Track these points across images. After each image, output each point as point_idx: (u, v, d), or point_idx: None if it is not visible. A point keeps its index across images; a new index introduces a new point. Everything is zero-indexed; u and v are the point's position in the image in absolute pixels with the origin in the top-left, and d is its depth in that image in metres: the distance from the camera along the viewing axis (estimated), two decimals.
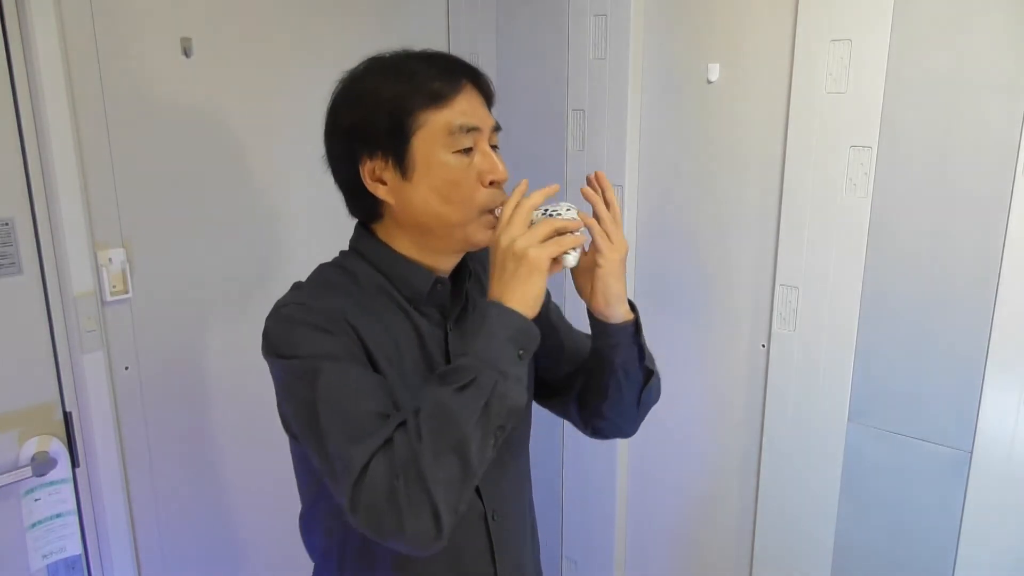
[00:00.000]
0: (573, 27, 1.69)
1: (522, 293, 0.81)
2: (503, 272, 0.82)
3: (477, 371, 0.77)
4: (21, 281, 1.35)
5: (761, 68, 1.45)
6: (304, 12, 1.65)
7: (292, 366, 0.84)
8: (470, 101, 0.88)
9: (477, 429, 0.76)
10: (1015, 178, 1.19)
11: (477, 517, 0.96)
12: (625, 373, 0.98)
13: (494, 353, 0.78)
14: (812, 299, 1.44)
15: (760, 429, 1.56)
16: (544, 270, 0.82)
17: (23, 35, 1.28)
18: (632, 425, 1.06)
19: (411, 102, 0.86)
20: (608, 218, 0.90)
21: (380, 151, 0.88)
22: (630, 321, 0.96)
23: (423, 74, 0.87)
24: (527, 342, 0.81)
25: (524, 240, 0.81)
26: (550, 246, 0.82)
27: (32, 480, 1.36)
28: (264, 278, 1.66)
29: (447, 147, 0.87)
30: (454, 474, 0.75)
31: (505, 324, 0.80)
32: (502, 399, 0.77)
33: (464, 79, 0.89)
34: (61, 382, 1.41)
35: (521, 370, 0.80)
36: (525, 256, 0.80)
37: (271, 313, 0.89)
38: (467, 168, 0.88)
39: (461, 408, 0.76)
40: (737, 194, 1.53)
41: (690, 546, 1.76)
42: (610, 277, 0.91)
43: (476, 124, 0.88)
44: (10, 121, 1.30)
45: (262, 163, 1.62)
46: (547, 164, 1.80)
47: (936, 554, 1.36)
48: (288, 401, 0.87)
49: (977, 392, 1.28)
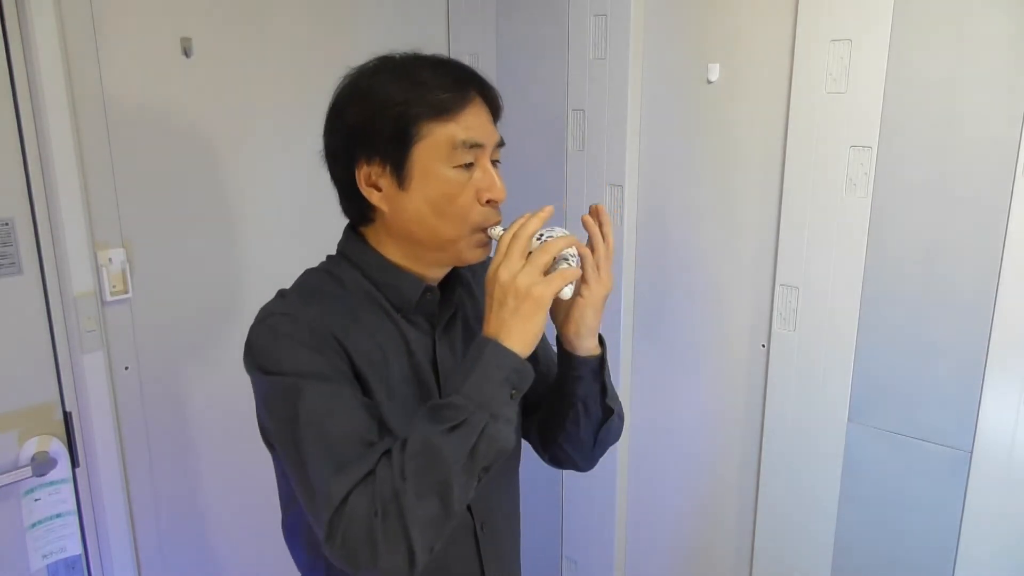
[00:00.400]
0: (573, 27, 1.69)
1: (522, 332, 0.79)
2: (502, 308, 0.79)
3: (468, 412, 0.75)
4: (21, 281, 1.35)
5: (761, 68, 1.45)
6: (304, 12, 1.65)
7: (274, 383, 0.82)
8: (477, 116, 0.86)
9: (463, 472, 0.75)
10: (1015, 178, 1.19)
11: (466, 529, 0.95)
12: (584, 407, 0.96)
13: (487, 394, 0.76)
14: (812, 299, 1.44)
15: (760, 429, 1.56)
16: (547, 307, 0.80)
17: (23, 35, 1.28)
18: (587, 462, 1.03)
19: (417, 111, 0.83)
20: (602, 251, 0.89)
21: (379, 156, 0.85)
22: (596, 356, 0.94)
23: (433, 83, 0.84)
24: (521, 382, 0.79)
25: (526, 276, 0.79)
26: (555, 280, 0.80)
27: (32, 480, 1.36)
28: (264, 277, 1.66)
29: (448, 161, 0.84)
30: (434, 514, 0.74)
31: (501, 364, 0.77)
32: (491, 441, 0.76)
33: (474, 92, 0.87)
34: (61, 382, 1.41)
35: (512, 410, 0.79)
36: (529, 294, 0.78)
37: (255, 324, 0.86)
38: (465, 184, 0.86)
39: (449, 450, 0.74)
40: (737, 194, 1.53)
41: (690, 546, 1.76)
42: (589, 309, 0.90)
43: (480, 140, 0.86)
44: (10, 121, 1.30)
45: (262, 163, 1.62)
46: (547, 164, 1.80)
47: (936, 554, 1.36)
48: (269, 418, 0.84)
49: (977, 392, 1.28)
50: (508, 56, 1.87)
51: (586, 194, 1.73)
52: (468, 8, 1.91)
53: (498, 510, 0.99)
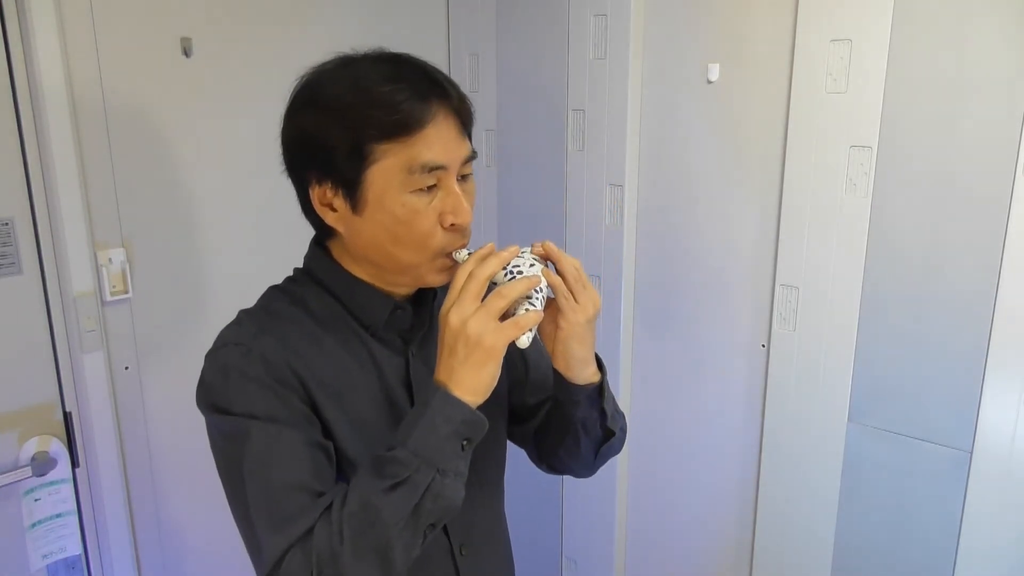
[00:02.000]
0: (573, 27, 1.69)
1: (473, 381, 0.73)
2: (452, 356, 0.73)
3: (412, 468, 0.70)
4: (21, 281, 1.35)
5: (761, 68, 1.45)
6: (304, 12, 1.65)
7: (223, 423, 0.78)
8: (440, 132, 0.77)
9: (405, 531, 0.70)
10: (1015, 178, 1.19)
11: (444, 552, 0.90)
12: (584, 430, 0.90)
13: (434, 448, 0.71)
14: (812, 299, 1.44)
15: (760, 429, 1.56)
16: (500, 357, 0.73)
17: (23, 35, 1.28)
18: (587, 472, 0.98)
19: (369, 131, 0.75)
20: (573, 276, 0.81)
21: (330, 177, 0.79)
22: (594, 384, 0.88)
23: (388, 98, 0.75)
24: (474, 433, 0.74)
25: (477, 323, 0.72)
26: (508, 329, 0.73)
27: (32, 480, 1.36)
28: (264, 278, 1.66)
29: (405, 186, 0.76)
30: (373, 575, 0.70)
31: (449, 417, 0.72)
32: (436, 499, 0.71)
33: (436, 104, 0.77)
34: (61, 382, 1.41)
35: (463, 464, 0.74)
36: (480, 343, 0.72)
37: (208, 354, 0.81)
38: (424, 209, 0.78)
39: (389, 509, 0.70)
40: (737, 194, 1.53)
41: (690, 546, 1.76)
42: (572, 340, 0.83)
43: (442, 162, 0.77)
44: (10, 121, 1.30)
45: (262, 163, 1.62)
46: (547, 164, 1.80)
47: (936, 554, 1.36)
48: (216, 459, 0.81)
49: (977, 392, 1.28)
50: (508, 56, 1.87)
51: (586, 194, 1.73)
52: (468, 8, 1.91)
53: (477, 531, 0.94)
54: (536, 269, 0.79)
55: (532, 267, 0.79)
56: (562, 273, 0.81)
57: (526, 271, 0.78)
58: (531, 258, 0.80)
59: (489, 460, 0.96)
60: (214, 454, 0.81)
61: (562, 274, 0.81)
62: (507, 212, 1.91)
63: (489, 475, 0.97)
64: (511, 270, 0.78)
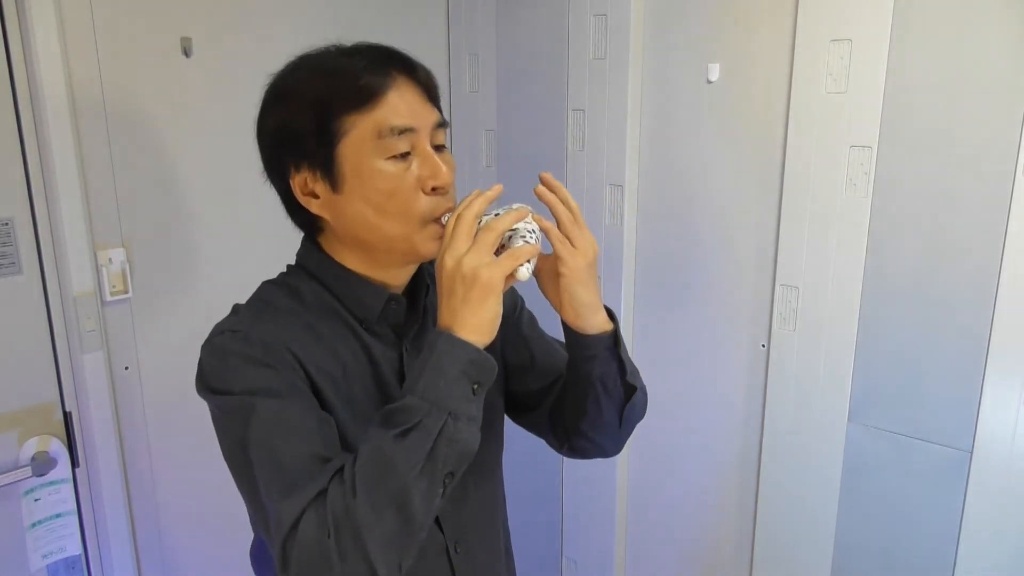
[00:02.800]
0: (573, 27, 1.69)
1: (476, 320, 0.72)
2: (451, 297, 0.72)
3: (423, 413, 0.69)
4: (21, 281, 1.35)
5: (761, 68, 1.45)
6: (304, 12, 1.65)
7: (225, 403, 0.77)
8: (403, 97, 0.78)
9: (422, 479, 0.68)
10: (1015, 178, 1.19)
11: (438, 549, 0.88)
12: (604, 388, 0.88)
13: (443, 391, 0.70)
14: (812, 299, 1.44)
15: (760, 429, 1.56)
16: (499, 291, 0.72)
17: (23, 35, 1.28)
18: (615, 444, 0.95)
19: (334, 104, 0.77)
20: (567, 219, 0.80)
21: (306, 161, 0.80)
22: (607, 332, 0.86)
23: (347, 70, 0.77)
24: (482, 375, 0.72)
25: (472, 258, 0.72)
26: (504, 261, 0.73)
27: (32, 480, 1.36)
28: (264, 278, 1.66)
29: (379, 153, 0.77)
30: (394, 529, 0.68)
31: (456, 358, 0.70)
32: (451, 443, 0.69)
33: (395, 71, 0.78)
34: (61, 382, 1.41)
35: (475, 408, 0.72)
36: (477, 278, 0.71)
37: (206, 342, 0.81)
38: (403, 174, 0.78)
39: (402, 456, 0.68)
40: (737, 194, 1.53)
41: (690, 546, 1.76)
42: (576, 285, 0.81)
43: (410, 124, 0.77)
44: (10, 121, 1.30)
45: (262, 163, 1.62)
46: (547, 164, 1.80)
47: (936, 554, 1.36)
48: (221, 441, 0.80)
49: (977, 392, 1.28)
50: (508, 56, 1.87)
51: (586, 194, 1.73)
52: (468, 8, 1.91)
53: (472, 528, 0.93)
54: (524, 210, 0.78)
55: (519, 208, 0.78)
56: (556, 217, 0.81)
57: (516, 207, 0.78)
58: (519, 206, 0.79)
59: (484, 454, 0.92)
60: (218, 435, 0.80)
61: (556, 218, 0.81)
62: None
63: (484, 473, 0.95)
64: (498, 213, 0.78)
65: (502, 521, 1.02)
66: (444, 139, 0.83)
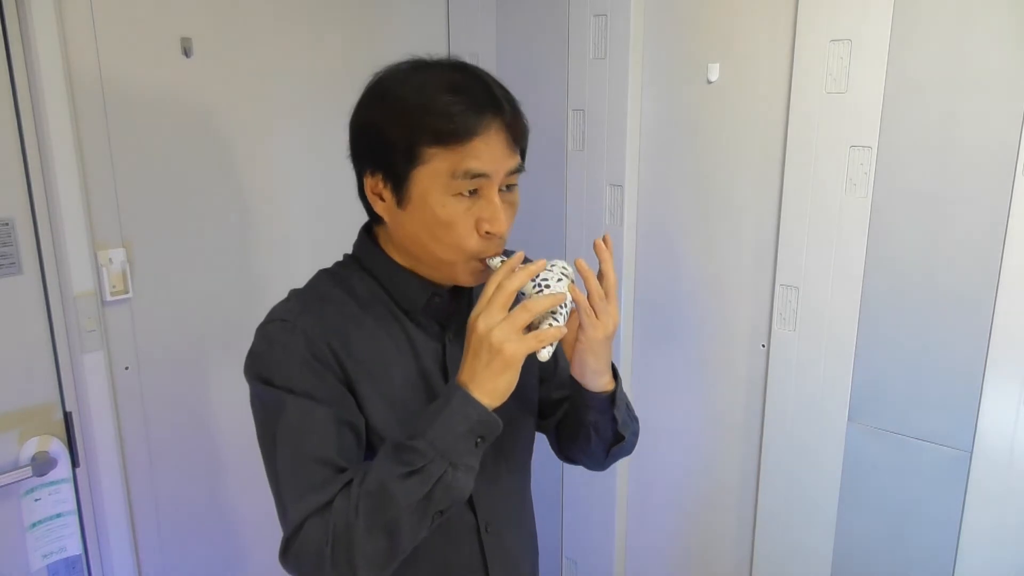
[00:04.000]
0: (573, 27, 1.69)
1: (492, 386, 0.78)
2: (476, 360, 0.78)
3: (428, 459, 0.76)
4: (21, 281, 1.35)
5: (761, 68, 1.45)
6: (304, 12, 1.65)
7: (264, 393, 0.84)
8: (489, 144, 0.81)
9: (415, 514, 0.77)
10: (1015, 178, 1.19)
11: (469, 530, 0.95)
12: (596, 431, 0.96)
13: (450, 443, 0.77)
14: (812, 299, 1.44)
15: (760, 429, 1.56)
16: (518, 366, 0.78)
17: (23, 35, 1.28)
18: (598, 468, 1.04)
19: (422, 135, 0.80)
20: (598, 294, 0.86)
21: (382, 171, 0.85)
22: (606, 393, 0.94)
23: (446, 107, 0.80)
24: (488, 432, 0.79)
25: (501, 332, 0.77)
26: (530, 341, 0.78)
27: (32, 480, 1.36)
28: (264, 278, 1.66)
29: (448, 189, 0.81)
30: (381, 550, 0.77)
31: (467, 416, 0.77)
32: (447, 489, 0.77)
33: (490, 118, 0.81)
34: (61, 382, 1.41)
35: (475, 459, 0.79)
36: (501, 351, 0.77)
37: (259, 327, 0.87)
38: (464, 213, 0.83)
39: (403, 494, 0.76)
40: (737, 194, 1.53)
41: (690, 546, 1.76)
42: (588, 354, 0.89)
43: (485, 171, 0.82)
44: (10, 121, 1.30)
45: (262, 163, 1.62)
46: (547, 164, 1.80)
47: (936, 554, 1.36)
48: (256, 424, 0.87)
49: (977, 392, 1.28)
50: (508, 56, 1.87)
51: (586, 194, 1.73)
52: (468, 8, 1.91)
53: (504, 512, 0.99)
54: (563, 285, 0.83)
55: (559, 282, 0.83)
56: (588, 291, 0.87)
57: (553, 286, 0.82)
58: (560, 272, 0.84)
59: (518, 447, 1.02)
60: (254, 419, 0.87)
61: (588, 291, 0.87)
62: None
63: (517, 462, 1.02)
64: (539, 283, 0.82)
65: (530, 508, 1.09)
66: (517, 180, 0.88)
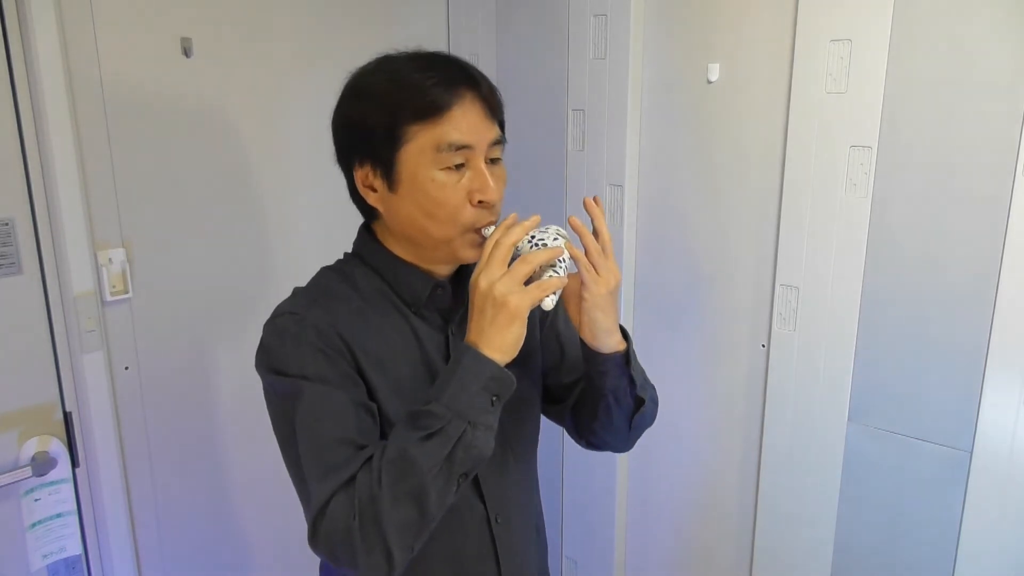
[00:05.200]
0: (573, 27, 1.69)
1: (500, 340, 0.79)
2: (481, 316, 0.79)
3: (446, 420, 0.77)
4: (21, 281, 1.35)
5: (761, 68, 1.45)
6: (304, 12, 1.65)
7: (279, 383, 0.85)
8: (466, 115, 0.84)
9: (439, 478, 0.77)
10: (1015, 178, 1.19)
11: (480, 520, 0.95)
12: (615, 399, 0.96)
13: (465, 403, 0.77)
14: (812, 299, 1.44)
15: (760, 429, 1.56)
16: (524, 318, 0.79)
17: (23, 35, 1.28)
18: (623, 444, 1.03)
19: (401, 114, 0.83)
20: (595, 249, 0.87)
21: (370, 158, 0.87)
22: (620, 352, 0.93)
23: (419, 84, 0.83)
24: (502, 389, 0.80)
25: (504, 285, 0.78)
26: (532, 291, 0.80)
27: (32, 480, 1.36)
28: (264, 278, 1.66)
29: (435, 164, 0.84)
30: (411, 518, 0.77)
31: (479, 373, 0.78)
32: (468, 449, 0.78)
33: (464, 89, 0.84)
34: (61, 382, 1.41)
35: (493, 418, 0.80)
36: (505, 304, 0.78)
37: (267, 323, 0.88)
38: (455, 186, 0.85)
39: (424, 457, 0.76)
40: (737, 194, 1.53)
41: (690, 545, 1.76)
42: (595, 310, 0.88)
43: (468, 142, 0.84)
44: (10, 121, 1.30)
45: (262, 163, 1.62)
46: (547, 164, 1.80)
47: (936, 554, 1.36)
48: (272, 416, 0.88)
49: (977, 392, 1.28)
50: (508, 56, 1.87)
51: (586, 194, 1.72)
52: (468, 8, 1.91)
53: (512, 503, 1.00)
54: (559, 242, 0.84)
55: (556, 240, 0.84)
56: (585, 247, 0.87)
57: (550, 243, 0.84)
58: (555, 232, 0.85)
59: (523, 436, 1.03)
60: (269, 411, 0.89)
61: (585, 247, 0.87)
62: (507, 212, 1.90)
63: (523, 451, 1.03)
64: (536, 242, 0.84)
65: (537, 500, 1.09)
66: (500, 153, 0.90)
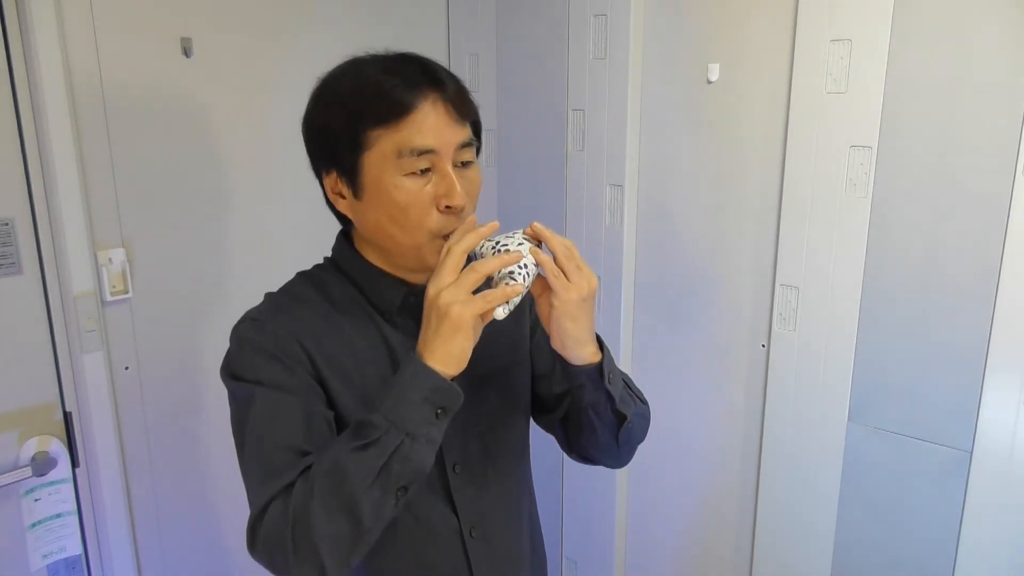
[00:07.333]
0: (573, 27, 1.69)
1: (444, 351, 0.75)
2: (427, 326, 0.76)
3: (382, 431, 0.73)
4: (21, 281, 1.35)
5: (761, 68, 1.45)
6: (304, 12, 1.65)
7: (236, 389, 0.85)
8: (429, 118, 0.80)
9: (374, 489, 0.74)
10: (1015, 178, 1.19)
11: (451, 533, 0.92)
12: (596, 414, 0.90)
13: (404, 414, 0.74)
14: (812, 299, 1.44)
15: (760, 429, 1.56)
16: (467, 328, 0.75)
17: (23, 35, 1.28)
18: (614, 461, 0.99)
19: (363, 117, 0.80)
20: (564, 254, 0.81)
21: (336, 165, 0.85)
22: (593, 364, 0.86)
23: (379, 87, 0.80)
24: (447, 401, 0.76)
25: (449, 294, 0.74)
26: (477, 302, 0.75)
27: (32, 480, 1.36)
28: (264, 278, 1.65)
29: (398, 169, 0.80)
30: (343, 531, 0.74)
31: (420, 384, 0.75)
32: (405, 461, 0.74)
33: (427, 91, 0.80)
34: (61, 382, 1.41)
35: (436, 430, 0.76)
36: (447, 314, 0.74)
37: (233, 328, 0.87)
38: (419, 192, 0.81)
39: (357, 468, 0.73)
40: (737, 194, 1.53)
41: (690, 546, 1.76)
42: (564, 319, 0.82)
43: (431, 146, 0.80)
44: (10, 121, 1.30)
45: (262, 163, 1.62)
46: (547, 164, 1.80)
47: (936, 554, 1.36)
48: (231, 421, 0.87)
49: (977, 392, 1.28)
50: (508, 56, 1.87)
51: (586, 194, 1.73)
52: (468, 8, 1.91)
53: (490, 518, 0.96)
54: (523, 248, 0.80)
55: (520, 246, 0.80)
56: (552, 251, 0.82)
57: (512, 249, 0.79)
58: (521, 237, 0.81)
59: (503, 450, 0.98)
60: (230, 417, 0.87)
61: (552, 252, 0.82)
62: (507, 212, 1.90)
63: (508, 465, 0.99)
64: (498, 248, 0.80)
65: (527, 516, 1.05)
66: (472, 155, 0.86)
